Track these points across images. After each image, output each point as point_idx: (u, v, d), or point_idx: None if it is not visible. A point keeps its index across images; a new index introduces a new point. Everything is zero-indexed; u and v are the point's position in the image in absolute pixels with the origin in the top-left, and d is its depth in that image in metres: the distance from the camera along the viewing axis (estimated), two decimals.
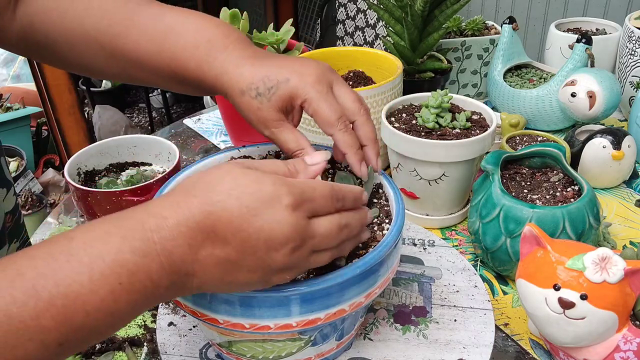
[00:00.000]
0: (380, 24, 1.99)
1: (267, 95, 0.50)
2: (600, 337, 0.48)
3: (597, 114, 0.83)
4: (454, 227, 0.75)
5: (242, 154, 0.63)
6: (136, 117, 2.98)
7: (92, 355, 0.57)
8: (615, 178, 0.79)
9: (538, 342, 0.57)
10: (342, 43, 2.18)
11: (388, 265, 0.49)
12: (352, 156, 0.51)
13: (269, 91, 0.50)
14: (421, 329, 0.59)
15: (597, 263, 0.45)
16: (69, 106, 1.99)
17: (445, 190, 0.71)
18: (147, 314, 0.62)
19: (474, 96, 1.05)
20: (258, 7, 2.70)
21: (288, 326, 0.45)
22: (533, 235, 0.50)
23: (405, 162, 0.70)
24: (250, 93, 0.50)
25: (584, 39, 0.88)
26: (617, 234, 0.72)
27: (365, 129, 0.52)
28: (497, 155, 0.65)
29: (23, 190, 1.91)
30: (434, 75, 0.89)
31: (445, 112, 0.71)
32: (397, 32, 0.88)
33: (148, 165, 0.84)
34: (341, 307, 0.46)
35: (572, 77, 0.85)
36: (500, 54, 0.96)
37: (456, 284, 0.64)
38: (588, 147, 0.76)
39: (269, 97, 0.50)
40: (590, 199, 0.60)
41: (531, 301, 0.49)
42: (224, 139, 1.01)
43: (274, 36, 0.89)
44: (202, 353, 0.57)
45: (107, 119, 2.47)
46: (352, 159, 0.51)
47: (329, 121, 0.50)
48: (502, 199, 0.61)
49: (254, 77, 0.50)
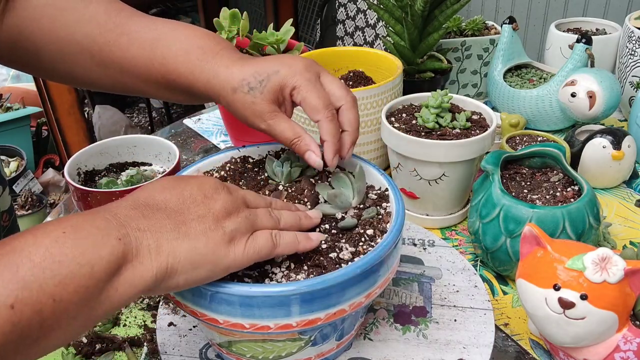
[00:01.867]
0: (380, 24, 1.99)
1: (260, 88, 0.51)
2: (600, 337, 0.48)
3: (597, 114, 0.83)
4: (454, 227, 0.75)
5: (242, 154, 0.63)
6: (136, 117, 2.98)
7: (92, 355, 0.57)
8: (615, 178, 0.79)
9: (538, 342, 0.57)
10: (342, 43, 2.18)
11: (388, 265, 0.49)
12: (329, 145, 0.53)
13: (260, 84, 0.51)
14: (421, 329, 0.59)
15: (597, 263, 0.45)
16: (69, 106, 1.99)
17: (445, 190, 0.71)
18: (147, 314, 0.62)
19: (474, 96, 1.05)
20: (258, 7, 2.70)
21: (288, 326, 0.45)
22: (533, 235, 0.50)
23: (405, 162, 0.70)
24: (242, 89, 0.51)
25: (584, 39, 0.88)
26: (617, 234, 0.72)
27: (349, 116, 0.54)
28: (497, 155, 0.65)
29: (23, 190, 1.91)
30: (434, 75, 0.89)
31: (445, 112, 0.71)
32: (397, 32, 0.88)
33: (148, 165, 0.84)
34: (341, 307, 0.46)
35: (572, 77, 0.85)
36: (500, 54, 0.96)
37: (456, 284, 0.64)
38: (588, 147, 0.76)
39: (261, 90, 0.51)
40: (590, 199, 0.60)
41: (531, 301, 0.49)
42: (224, 139, 1.01)
43: (274, 36, 0.89)
44: (202, 353, 0.57)
45: (107, 119, 2.47)
46: (328, 148, 0.53)
47: (316, 107, 0.52)
48: (502, 199, 0.61)
49: (245, 73, 0.52)
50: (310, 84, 0.52)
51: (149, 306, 0.63)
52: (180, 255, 0.40)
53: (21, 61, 0.57)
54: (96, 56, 0.55)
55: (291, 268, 0.48)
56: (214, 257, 0.42)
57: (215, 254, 0.42)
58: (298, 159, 0.59)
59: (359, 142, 0.78)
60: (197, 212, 0.42)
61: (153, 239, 0.40)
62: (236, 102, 0.52)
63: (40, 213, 1.88)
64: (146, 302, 0.64)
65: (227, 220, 0.43)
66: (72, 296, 0.35)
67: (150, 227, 0.40)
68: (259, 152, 0.63)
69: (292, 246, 0.46)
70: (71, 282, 0.35)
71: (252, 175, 0.60)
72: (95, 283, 0.36)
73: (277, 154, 0.62)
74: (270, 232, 0.45)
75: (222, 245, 0.42)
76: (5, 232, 0.71)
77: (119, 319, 0.62)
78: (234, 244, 0.43)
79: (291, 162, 0.58)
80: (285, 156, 0.59)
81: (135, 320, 0.62)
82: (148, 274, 0.39)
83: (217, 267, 0.42)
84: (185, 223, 0.41)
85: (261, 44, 0.91)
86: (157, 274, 0.39)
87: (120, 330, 0.61)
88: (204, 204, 0.43)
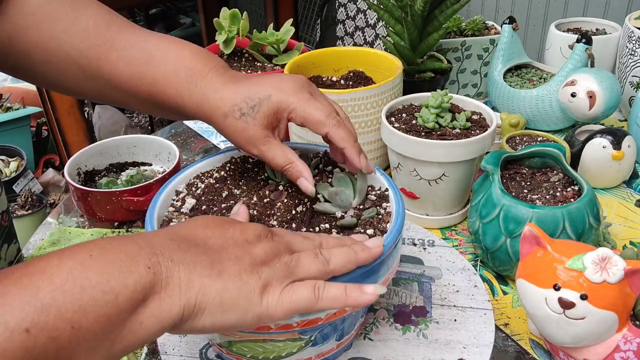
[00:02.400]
0: (380, 24, 1.99)
1: (252, 114, 0.51)
2: (600, 337, 0.48)
3: (597, 114, 0.83)
4: (454, 227, 0.75)
5: (242, 154, 0.63)
6: (136, 117, 2.98)
7: None
8: (615, 178, 0.79)
9: (538, 342, 0.57)
10: (342, 43, 2.18)
11: (388, 265, 0.49)
12: (350, 149, 0.52)
13: (252, 110, 0.51)
14: (421, 328, 0.59)
15: (597, 263, 0.45)
16: (69, 106, 1.98)
17: (445, 190, 0.71)
18: None
19: (474, 96, 1.05)
20: (258, 7, 2.70)
21: (288, 326, 0.45)
22: (533, 235, 0.50)
23: (405, 162, 0.70)
24: (234, 115, 0.51)
25: (584, 39, 0.88)
26: (617, 234, 0.72)
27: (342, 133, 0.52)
28: (497, 155, 0.65)
29: (23, 190, 1.91)
30: (434, 75, 0.89)
31: (445, 112, 0.71)
32: (397, 32, 0.88)
33: (148, 165, 0.84)
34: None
35: (572, 77, 0.86)
36: (500, 54, 0.96)
37: (456, 284, 0.64)
38: (588, 147, 0.76)
39: (253, 116, 0.51)
40: (590, 199, 0.60)
41: (531, 301, 0.49)
42: (224, 139, 1.01)
43: (274, 36, 0.89)
44: (202, 353, 0.57)
45: (107, 119, 2.47)
46: (350, 152, 0.52)
47: (319, 121, 0.51)
48: (502, 199, 0.61)
49: (236, 99, 0.51)
50: (305, 102, 0.51)
51: None
52: (210, 294, 0.38)
53: (16, 69, 0.56)
54: (85, 69, 0.54)
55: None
56: (245, 303, 0.39)
57: (247, 300, 0.39)
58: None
59: (359, 142, 0.78)
60: (236, 253, 0.40)
61: (185, 272, 0.37)
62: (228, 128, 0.52)
63: (40, 213, 1.87)
64: None
65: (265, 265, 0.40)
66: (92, 325, 0.33)
67: (184, 260, 0.38)
68: None
69: (338, 301, 0.42)
70: (92, 310, 0.33)
71: (252, 175, 0.60)
72: (118, 313, 0.34)
73: None
74: (314, 283, 0.41)
75: (256, 292, 0.39)
76: (6, 232, 0.71)
77: None
78: (268, 293, 0.40)
79: None
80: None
81: None
82: (175, 309, 0.36)
83: (247, 314, 0.39)
84: (221, 262, 0.39)
85: (261, 44, 0.91)
86: (184, 310, 0.37)
87: None
88: (243, 247, 0.41)
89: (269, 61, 0.91)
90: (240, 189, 0.58)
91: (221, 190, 0.57)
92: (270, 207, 0.54)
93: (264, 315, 0.40)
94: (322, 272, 0.43)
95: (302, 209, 0.54)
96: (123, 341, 0.34)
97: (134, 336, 0.35)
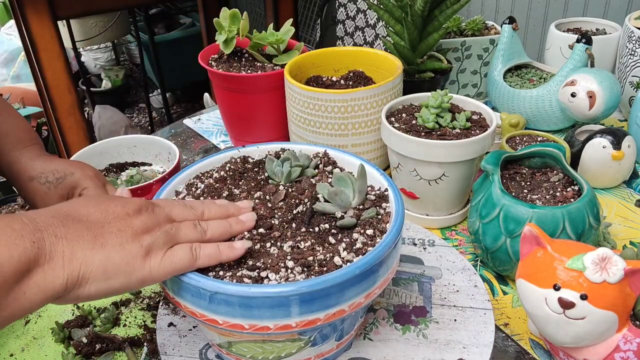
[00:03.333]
0: (380, 24, 1.99)
1: (55, 184, 0.62)
2: (600, 337, 0.48)
3: (597, 114, 0.83)
4: (454, 227, 0.75)
5: (242, 154, 0.63)
6: (136, 117, 2.98)
7: (92, 356, 0.57)
8: (615, 178, 0.79)
9: (538, 342, 0.57)
10: (342, 43, 2.18)
11: (388, 265, 0.49)
12: None
13: (57, 180, 0.62)
14: (421, 328, 0.59)
15: (597, 263, 0.45)
16: (69, 106, 1.98)
17: (445, 190, 0.71)
18: (147, 314, 0.62)
19: (474, 96, 1.05)
20: (258, 7, 2.70)
21: (288, 327, 0.45)
22: (533, 235, 0.50)
23: (405, 162, 0.70)
24: (39, 180, 0.62)
25: (584, 39, 0.88)
26: (617, 234, 0.72)
27: None
28: (497, 155, 0.65)
29: None
30: (434, 75, 0.89)
31: (445, 112, 0.71)
32: (397, 32, 0.88)
33: (148, 165, 0.84)
34: (341, 308, 0.46)
35: (572, 77, 0.85)
36: (500, 54, 0.96)
37: (456, 284, 0.64)
38: (588, 147, 0.76)
39: (56, 185, 0.62)
40: (590, 199, 0.60)
41: (531, 301, 0.49)
42: (223, 139, 1.01)
43: (274, 36, 0.89)
44: (202, 353, 0.57)
45: (107, 119, 2.47)
46: None
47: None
48: (502, 199, 0.61)
49: (45, 169, 0.63)
50: (97, 188, 0.62)
51: (149, 306, 0.63)
52: (93, 264, 0.41)
53: None
54: None
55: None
56: (127, 269, 0.43)
57: (130, 266, 0.43)
58: (298, 159, 0.59)
59: (359, 142, 0.78)
60: (117, 226, 0.44)
61: (68, 246, 0.41)
62: (31, 188, 0.62)
63: None
64: (146, 302, 0.64)
65: (146, 234, 0.45)
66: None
67: (68, 235, 0.41)
68: (259, 152, 0.63)
69: (213, 258, 0.47)
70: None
71: (252, 175, 0.60)
72: (2, 282, 0.37)
73: (277, 154, 0.62)
74: (190, 245, 0.46)
75: (138, 258, 0.43)
76: None
77: (119, 319, 0.62)
78: (150, 257, 0.44)
79: (291, 162, 0.58)
80: (285, 156, 0.59)
81: (135, 320, 0.62)
82: (58, 280, 0.40)
83: (131, 279, 0.43)
84: (103, 235, 0.43)
85: (261, 44, 0.91)
86: (67, 281, 0.40)
87: (120, 330, 0.61)
88: (124, 220, 0.45)
89: (269, 61, 0.91)
90: (240, 188, 0.58)
91: (221, 190, 0.57)
92: (271, 207, 0.54)
93: (148, 278, 0.44)
94: (200, 240, 0.48)
95: (302, 209, 0.54)
96: (7, 309, 0.38)
97: (18, 304, 0.38)
